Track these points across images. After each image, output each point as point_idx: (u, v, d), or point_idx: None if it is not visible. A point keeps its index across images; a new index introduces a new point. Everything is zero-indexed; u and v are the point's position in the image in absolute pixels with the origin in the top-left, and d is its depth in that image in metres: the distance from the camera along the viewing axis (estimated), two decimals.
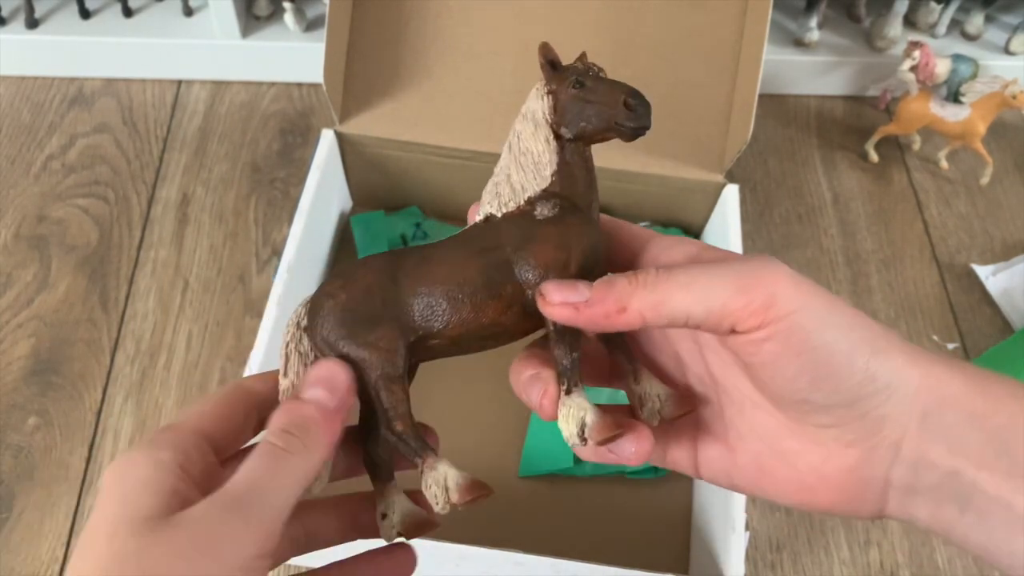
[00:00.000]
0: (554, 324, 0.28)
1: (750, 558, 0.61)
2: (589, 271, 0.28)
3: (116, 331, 0.70)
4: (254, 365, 0.55)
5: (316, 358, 0.29)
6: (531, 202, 0.30)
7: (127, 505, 0.25)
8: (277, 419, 0.27)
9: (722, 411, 0.29)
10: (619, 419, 0.27)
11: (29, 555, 0.59)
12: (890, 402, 0.25)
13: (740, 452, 0.29)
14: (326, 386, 0.28)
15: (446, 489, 0.27)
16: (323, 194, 0.67)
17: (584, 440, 0.27)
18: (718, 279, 0.25)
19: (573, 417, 0.27)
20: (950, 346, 0.72)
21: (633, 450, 0.27)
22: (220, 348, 0.69)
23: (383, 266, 0.30)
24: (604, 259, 0.30)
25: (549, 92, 0.31)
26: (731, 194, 0.67)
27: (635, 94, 0.29)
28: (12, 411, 0.65)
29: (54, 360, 0.68)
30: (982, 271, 0.76)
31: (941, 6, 0.89)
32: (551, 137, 0.30)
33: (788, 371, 0.25)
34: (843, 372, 0.25)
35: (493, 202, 0.31)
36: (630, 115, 0.29)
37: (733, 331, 0.25)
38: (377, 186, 0.74)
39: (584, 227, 0.29)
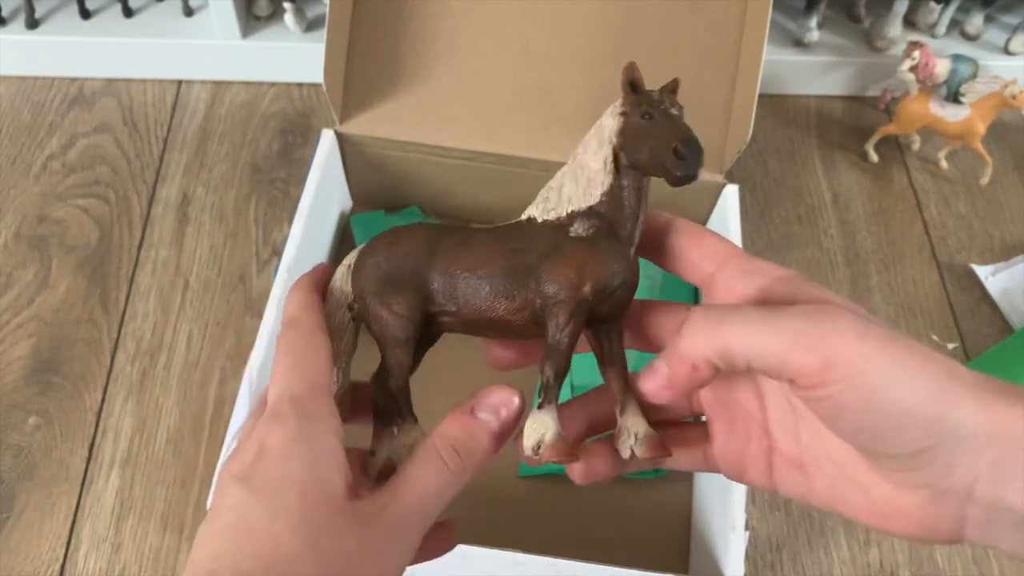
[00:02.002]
0: (548, 341, 0.29)
1: (750, 558, 0.61)
2: (604, 300, 0.29)
3: (116, 331, 0.70)
4: (254, 365, 0.55)
5: (354, 300, 0.32)
6: (572, 216, 0.31)
7: (320, 476, 0.26)
8: (449, 427, 0.29)
9: (799, 436, 0.29)
10: (576, 446, 0.30)
11: (29, 555, 0.59)
12: (958, 451, 0.24)
13: (816, 477, 0.29)
14: (499, 414, 0.29)
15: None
16: (323, 194, 0.67)
17: (537, 455, 0.28)
18: (776, 331, 0.25)
19: (535, 431, 0.29)
20: (950, 346, 0.72)
21: (576, 475, 0.30)
22: (220, 348, 0.69)
23: (426, 238, 0.32)
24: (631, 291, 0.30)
25: (622, 113, 0.31)
26: (731, 194, 0.67)
27: (688, 141, 0.29)
28: (12, 411, 0.65)
29: (54, 360, 0.68)
30: (982, 271, 0.76)
31: (941, 6, 0.89)
32: (610, 158, 0.31)
33: (848, 426, 0.25)
34: (906, 427, 0.24)
35: (540, 205, 0.32)
36: (677, 163, 0.29)
37: (793, 382, 0.25)
38: (377, 186, 0.74)
39: (611, 255, 0.30)
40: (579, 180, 0.31)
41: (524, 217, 0.32)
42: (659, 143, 0.29)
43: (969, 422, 0.24)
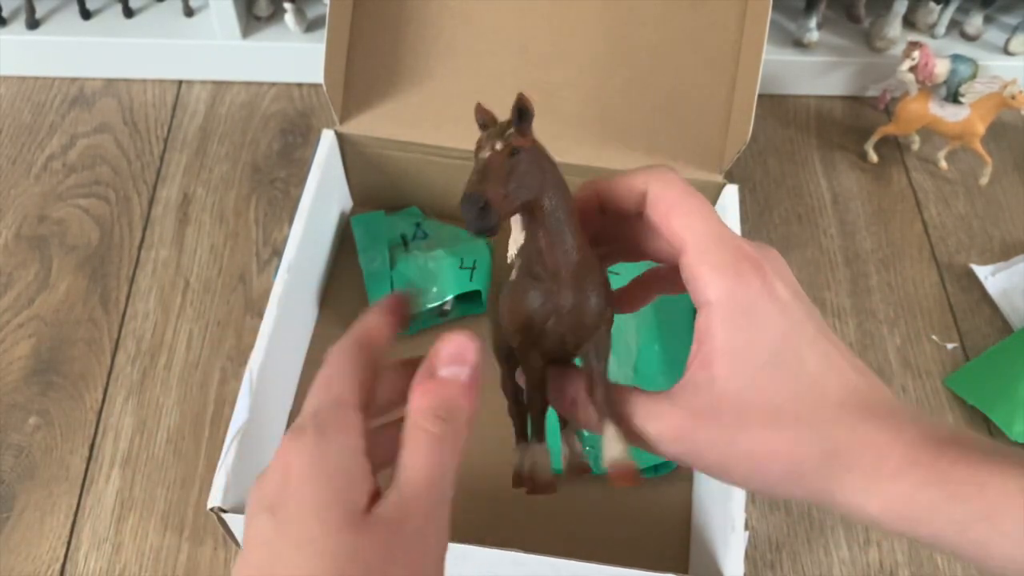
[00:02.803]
0: (525, 387, 0.30)
1: (749, 557, 0.61)
2: (544, 334, 0.30)
3: (117, 331, 0.70)
4: (254, 365, 0.55)
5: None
6: (512, 262, 0.31)
7: (338, 496, 0.26)
8: (421, 401, 0.28)
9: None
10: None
11: (29, 555, 0.59)
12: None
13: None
14: (460, 362, 0.29)
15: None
16: (323, 194, 0.67)
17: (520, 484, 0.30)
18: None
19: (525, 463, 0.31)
20: (949, 346, 0.72)
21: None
22: (221, 348, 0.69)
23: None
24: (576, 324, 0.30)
25: None
26: (731, 194, 0.67)
27: (463, 198, 0.27)
28: (13, 411, 0.65)
29: (55, 360, 0.68)
30: (981, 271, 0.76)
31: (940, 6, 0.89)
32: None
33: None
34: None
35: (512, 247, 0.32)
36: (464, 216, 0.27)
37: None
38: (377, 186, 0.74)
39: (520, 294, 0.29)
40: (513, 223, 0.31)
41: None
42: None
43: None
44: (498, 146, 0.28)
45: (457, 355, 0.28)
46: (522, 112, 0.29)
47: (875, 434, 0.26)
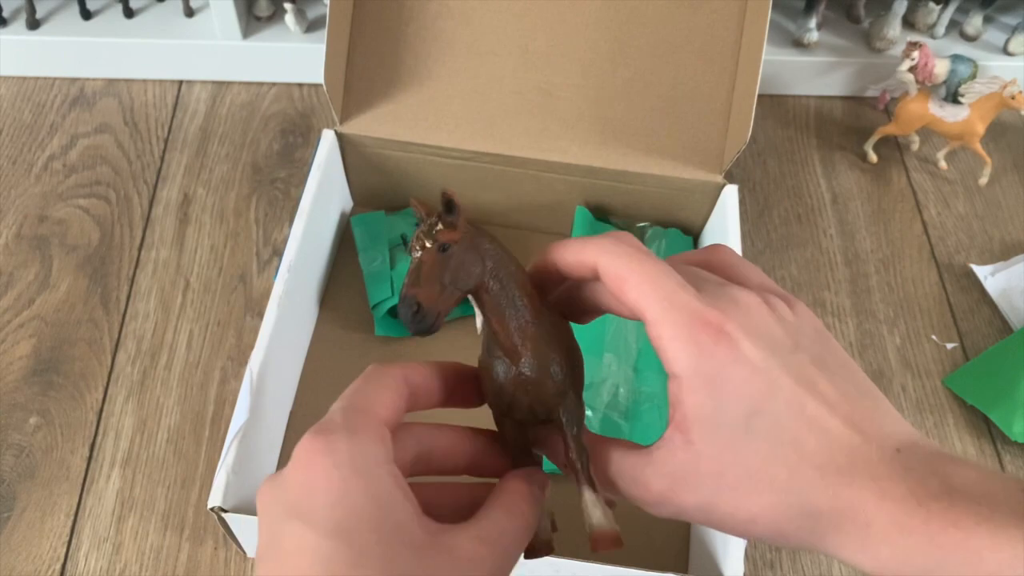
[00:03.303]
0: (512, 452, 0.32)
1: (749, 557, 0.61)
2: (513, 408, 0.30)
3: (117, 331, 0.70)
4: (255, 365, 0.55)
5: None
6: (480, 334, 0.32)
7: (390, 513, 0.25)
8: (522, 488, 0.30)
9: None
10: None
11: (30, 554, 0.59)
12: None
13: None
14: (544, 488, 0.31)
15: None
16: (324, 194, 0.68)
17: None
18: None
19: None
20: (949, 346, 0.72)
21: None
22: (221, 348, 0.69)
23: None
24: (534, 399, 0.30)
25: None
26: (730, 194, 0.67)
27: (399, 301, 0.29)
28: (13, 411, 0.65)
29: (55, 360, 0.68)
30: (981, 271, 0.77)
31: (940, 7, 0.89)
32: None
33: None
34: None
35: None
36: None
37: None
38: (377, 186, 0.74)
39: (487, 373, 0.31)
40: None
41: None
42: None
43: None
44: (428, 244, 0.29)
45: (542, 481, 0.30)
46: (448, 206, 0.29)
47: (858, 499, 0.25)
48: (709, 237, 0.72)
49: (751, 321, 0.27)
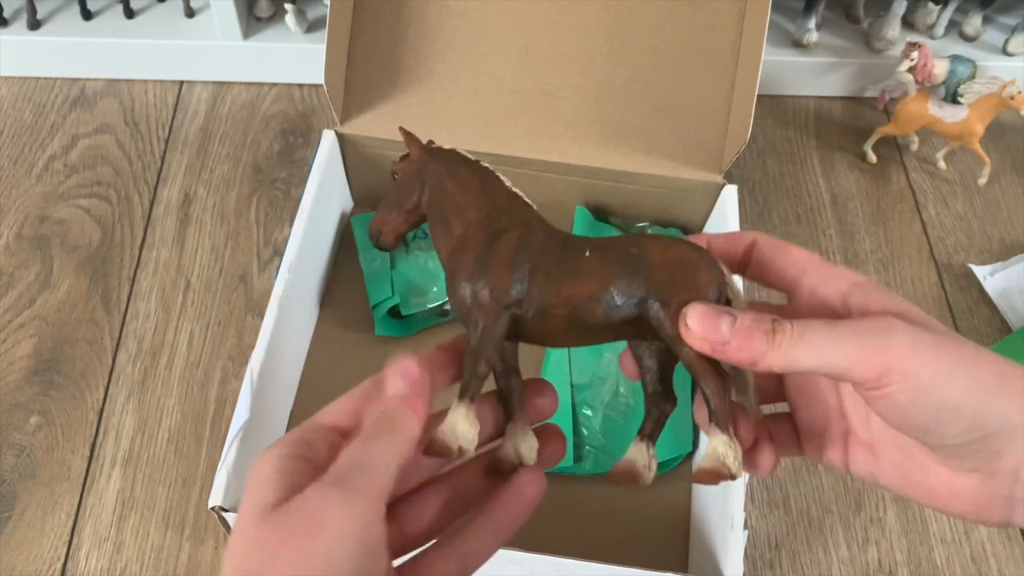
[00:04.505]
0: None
1: (749, 557, 0.61)
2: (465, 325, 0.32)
3: (118, 331, 0.70)
4: (255, 365, 0.56)
5: None
6: None
7: (255, 497, 0.27)
8: (370, 410, 0.30)
9: (869, 420, 0.32)
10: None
11: (31, 554, 0.59)
12: (1004, 440, 0.27)
13: (883, 458, 0.32)
14: (404, 378, 0.30)
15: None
16: (324, 194, 0.68)
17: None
18: (841, 347, 0.28)
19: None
20: None
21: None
22: (222, 347, 0.69)
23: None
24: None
25: None
26: (730, 194, 0.67)
27: None
28: (14, 410, 0.65)
29: (56, 360, 0.68)
30: (980, 271, 0.77)
31: (939, 7, 0.89)
32: None
33: (902, 421, 0.28)
34: (952, 422, 0.27)
35: None
36: None
37: (855, 385, 0.28)
38: (378, 186, 0.75)
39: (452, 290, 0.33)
40: None
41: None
42: None
43: (1013, 416, 0.27)
44: (392, 178, 0.35)
45: (401, 373, 0.30)
46: (404, 138, 0.35)
47: None
48: None
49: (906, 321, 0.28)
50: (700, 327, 0.28)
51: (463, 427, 0.30)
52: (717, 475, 0.29)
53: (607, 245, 0.31)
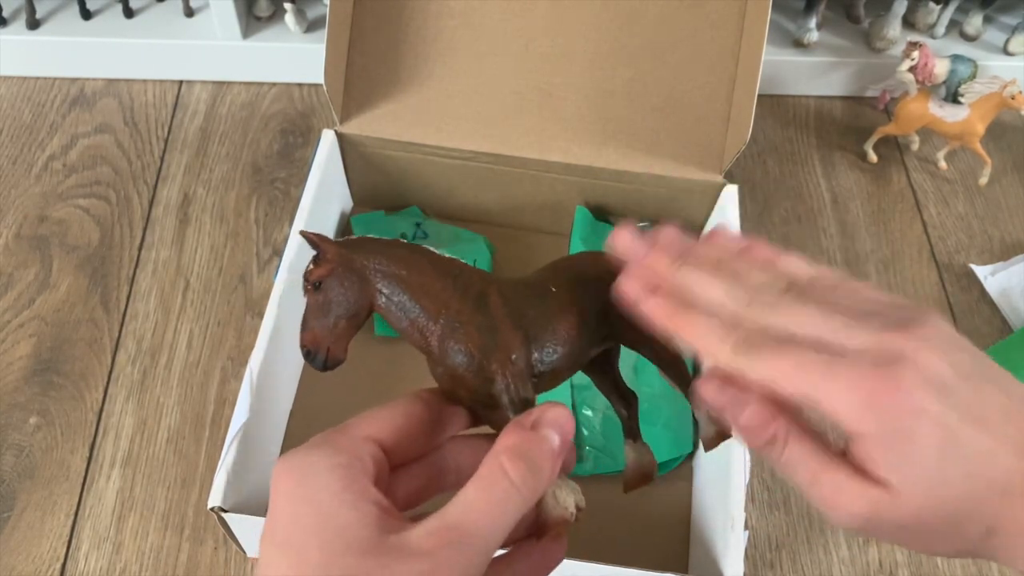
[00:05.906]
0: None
1: (749, 557, 0.61)
2: (456, 400, 0.31)
3: (117, 331, 0.70)
4: (255, 365, 0.55)
5: None
6: None
7: (330, 519, 0.24)
8: (510, 440, 0.27)
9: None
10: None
11: (30, 554, 0.59)
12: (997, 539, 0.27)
13: None
14: (560, 431, 0.27)
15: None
16: (324, 194, 0.68)
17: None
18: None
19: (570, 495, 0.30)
20: None
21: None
22: (221, 348, 0.69)
23: None
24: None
25: None
26: (730, 194, 0.67)
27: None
28: (13, 411, 0.65)
29: (55, 360, 0.68)
30: (981, 271, 0.77)
31: (940, 7, 0.89)
32: None
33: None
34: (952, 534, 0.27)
35: None
36: None
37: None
38: (377, 186, 0.74)
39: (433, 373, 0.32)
40: None
41: None
42: None
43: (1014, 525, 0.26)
44: (307, 287, 0.30)
45: (555, 421, 0.27)
46: (310, 244, 0.30)
47: None
48: None
49: (918, 368, 0.26)
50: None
51: (562, 493, 0.29)
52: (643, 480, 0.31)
53: (558, 277, 0.32)
